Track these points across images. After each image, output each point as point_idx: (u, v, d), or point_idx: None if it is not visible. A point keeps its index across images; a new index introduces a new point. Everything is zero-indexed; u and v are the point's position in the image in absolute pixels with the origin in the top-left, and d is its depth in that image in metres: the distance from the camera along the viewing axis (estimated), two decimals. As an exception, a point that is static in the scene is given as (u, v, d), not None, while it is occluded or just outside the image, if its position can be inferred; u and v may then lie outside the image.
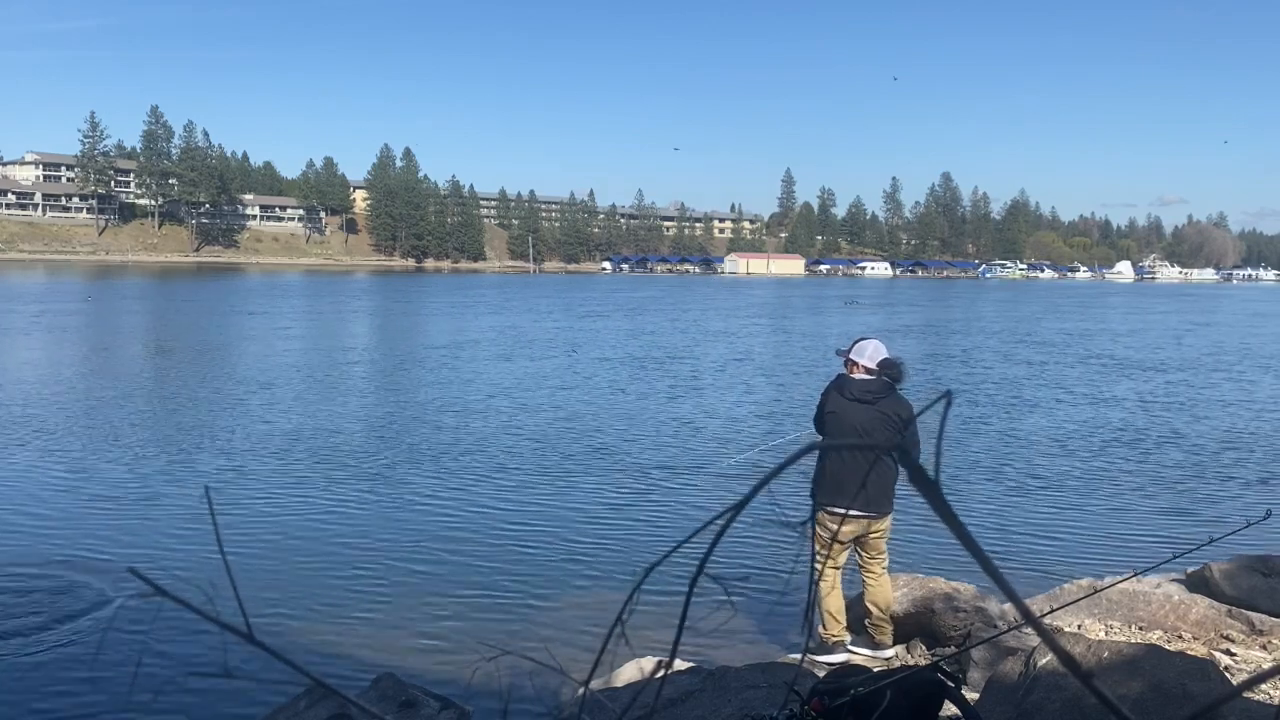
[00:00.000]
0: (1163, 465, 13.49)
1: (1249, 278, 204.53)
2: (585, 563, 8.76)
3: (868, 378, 6.28)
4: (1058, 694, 4.10)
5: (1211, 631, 6.55)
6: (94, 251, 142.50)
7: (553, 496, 11.19)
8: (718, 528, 0.70)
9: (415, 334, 35.52)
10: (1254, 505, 10.65)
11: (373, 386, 20.80)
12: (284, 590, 7.83)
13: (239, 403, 17.59)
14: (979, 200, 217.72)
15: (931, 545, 8.48)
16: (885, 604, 6.42)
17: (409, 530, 9.73)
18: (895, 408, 6.18)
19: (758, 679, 4.70)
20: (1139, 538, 9.83)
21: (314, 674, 0.84)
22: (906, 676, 3.42)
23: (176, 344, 29.22)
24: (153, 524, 9.69)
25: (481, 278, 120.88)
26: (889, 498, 6.29)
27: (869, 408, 6.15)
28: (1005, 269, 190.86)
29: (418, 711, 4.87)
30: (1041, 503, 11.28)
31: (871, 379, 6.26)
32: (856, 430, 6.13)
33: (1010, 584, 0.62)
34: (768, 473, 0.67)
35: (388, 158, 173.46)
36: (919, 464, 0.60)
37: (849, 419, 6.15)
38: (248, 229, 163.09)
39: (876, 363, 6.28)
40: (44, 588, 7.76)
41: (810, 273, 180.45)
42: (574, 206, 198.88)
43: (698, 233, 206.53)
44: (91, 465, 12.31)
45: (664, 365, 25.51)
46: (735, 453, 13.29)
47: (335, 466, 12.46)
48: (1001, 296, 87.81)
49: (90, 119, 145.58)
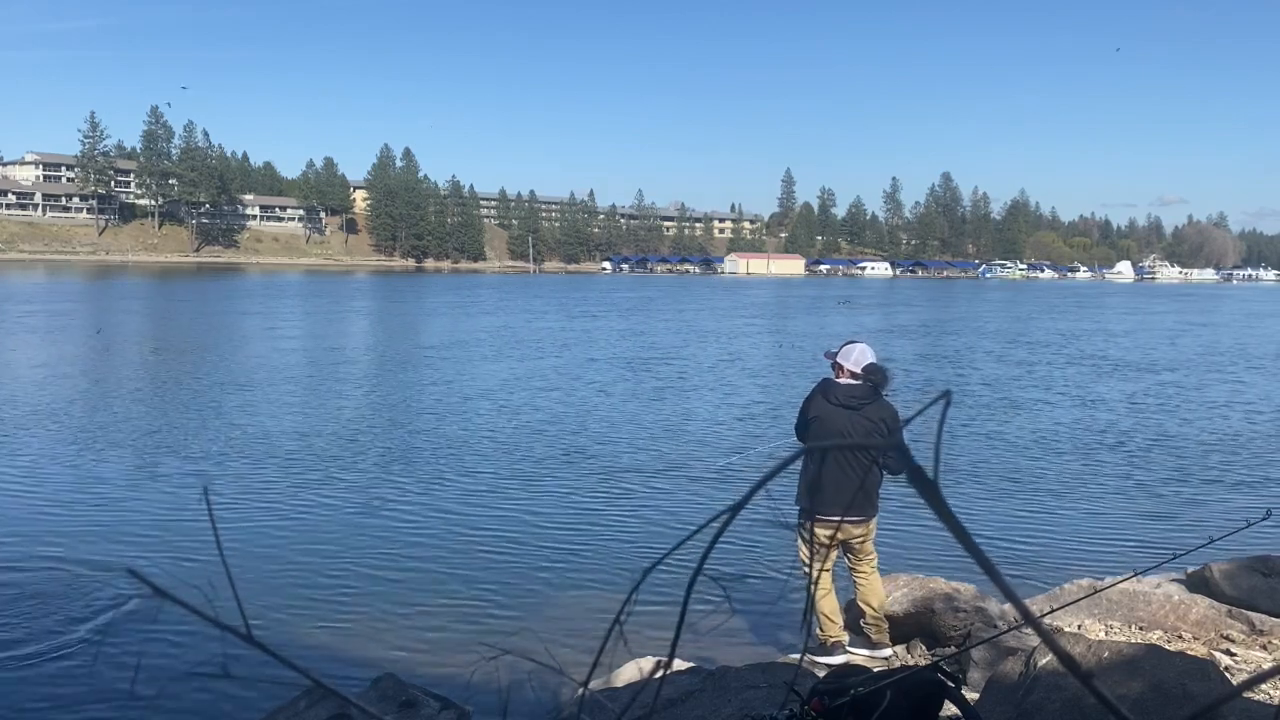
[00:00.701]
0: (1163, 465, 13.48)
1: (1249, 278, 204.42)
2: (585, 563, 8.76)
3: (852, 382, 6.24)
4: (1058, 694, 4.10)
5: (1212, 631, 6.55)
6: (94, 252, 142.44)
7: (553, 497, 11.19)
8: (715, 528, 0.70)
9: (410, 334, 35.51)
10: (1254, 505, 10.65)
11: (372, 386, 20.80)
12: (283, 590, 7.83)
13: (237, 403, 17.59)
14: (979, 200, 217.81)
15: (931, 545, 8.48)
16: (879, 604, 6.41)
17: (409, 530, 9.73)
18: (880, 413, 6.14)
19: (757, 679, 4.70)
20: (1139, 538, 9.83)
21: (314, 674, 0.84)
22: (906, 676, 3.42)
23: (173, 344, 29.22)
24: (151, 524, 9.69)
25: (481, 278, 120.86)
26: (872, 502, 6.28)
27: (853, 413, 6.10)
28: (1005, 269, 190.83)
29: (418, 711, 4.87)
30: (1041, 503, 11.28)
31: (856, 384, 6.22)
32: (840, 436, 6.11)
33: (1010, 584, 0.62)
34: (765, 474, 0.67)
35: (388, 158, 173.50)
36: (918, 464, 0.60)
37: (832, 425, 6.09)
38: (248, 229, 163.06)
39: (861, 367, 6.24)
40: (44, 588, 7.76)
41: (810, 273, 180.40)
42: (574, 206, 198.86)
43: (698, 233, 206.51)
44: (89, 466, 12.31)
45: (658, 365, 25.51)
46: (718, 456, 13.30)
47: (335, 466, 12.46)
48: (1001, 296, 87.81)
49: (90, 119, 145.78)
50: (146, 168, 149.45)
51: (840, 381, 6.27)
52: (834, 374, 6.37)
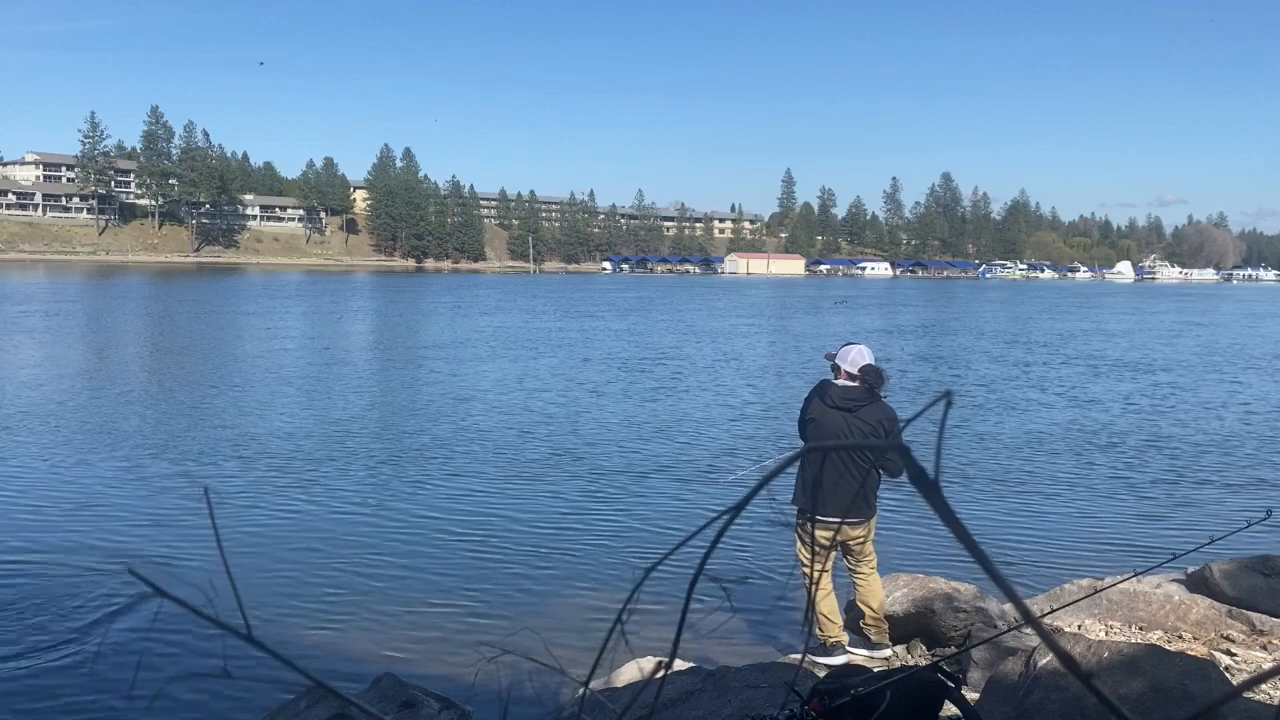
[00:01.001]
0: (1162, 465, 13.48)
1: (1249, 278, 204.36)
2: (585, 563, 8.76)
3: (849, 384, 6.23)
4: (1058, 694, 4.09)
5: (1212, 632, 6.55)
6: (94, 252, 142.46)
7: (554, 497, 11.19)
8: (717, 529, 0.70)
9: (409, 334, 35.50)
10: (1254, 505, 10.65)
11: (370, 386, 20.80)
12: (284, 590, 7.83)
13: (236, 403, 17.59)
14: (979, 200, 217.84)
15: (931, 545, 8.48)
16: (878, 604, 6.42)
17: (409, 530, 9.72)
18: (877, 415, 6.14)
19: (758, 679, 4.70)
20: (1139, 538, 9.83)
21: (314, 674, 0.84)
22: (907, 676, 3.42)
23: (173, 344, 29.22)
24: (151, 524, 9.69)
25: (481, 278, 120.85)
26: (870, 504, 6.28)
27: (849, 415, 6.10)
28: (1005, 269, 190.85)
29: (418, 712, 4.87)
30: (1041, 503, 11.27)
31: (853, 385, 6.21)
32: (836, 438, 6.11)
33: (1011, 584, 0.62)
34: (766, 474, 0.67)
35: (388, 158, 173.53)
36: (920, 466, 0.60)
37: (828, 427, 6.10)
38: (248, 229, 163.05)
39: (858, 369, 6.23)
40: (43, 588, 7.76)
41: (810, 273, 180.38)
42: (574, 206, 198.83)
43: (698, 233, 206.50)
44: (88, 465, 12.31)
45: (653, 366, 25.51)
46: (717, 456, 13.29)
47: (335, 466, 12.46)
48: (1001, 296, 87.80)
49: (90, 119, 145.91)
50: (146, 168, 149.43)
51: (837, 383, 6.27)
52: (833, 375, 6.37)
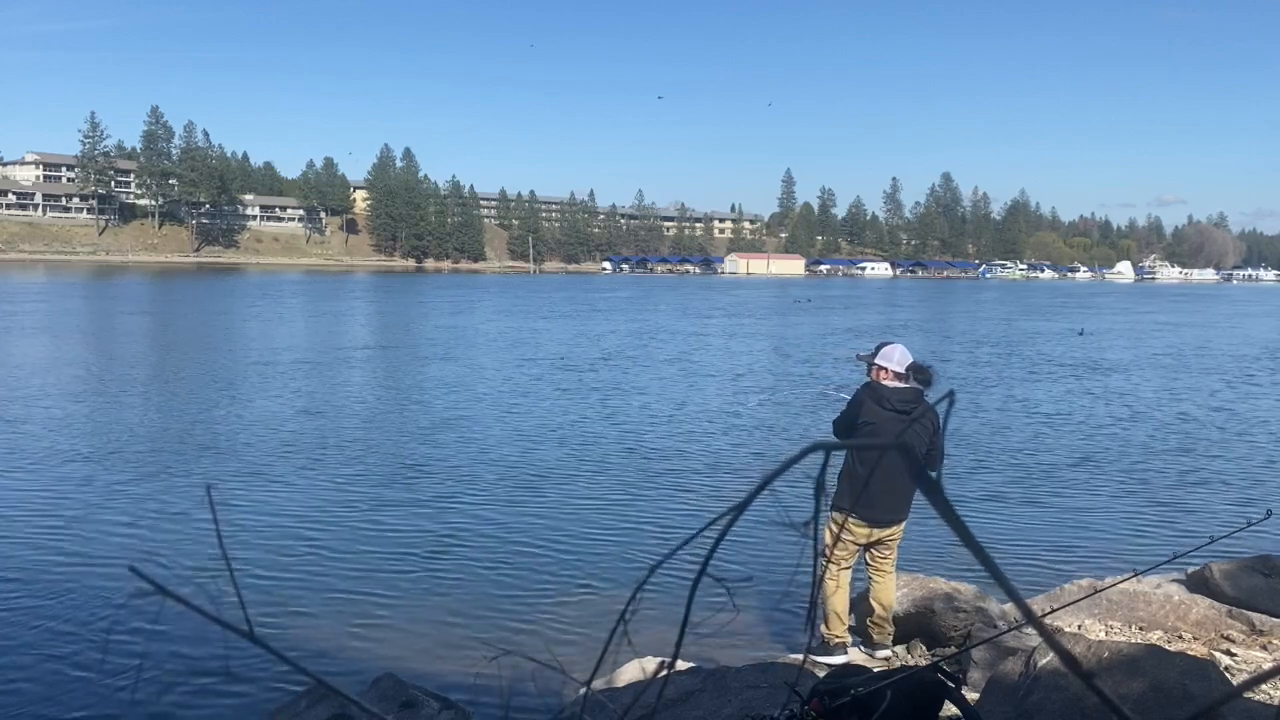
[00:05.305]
0: (1162, 465, 13.48)
1: (1249, 278, 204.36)
2: (587, 563, 8.75)
3: (900, 385, 6.09)
4: (1058, 694, 4.09)
5: (1212, 632, 6.55)
6: (94, 252, 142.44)
7: (554, 498, 11.18)
8: (720, 528, 0.70)
9: (409, 333, 35.51)
10: (1254, 505, 10.65)
11: (372, 387, 20.80)
12: (285, 590, 7.82)
13: (236, 403, 17.58)
14: (979, 200, 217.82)
15: (931, 545, 8.47)
16: (889, 603, 6.41)
17: (410, 530, 9.72)
18: (930, 417, 6.04)
19: (758, 679, 4.70)
20: (1139, 538, 9.83)
21: (315, 673, 0.84)
22: (907, 676, 3.42)
23: (173, 344, 29.23)
24: (153, 523, 9.68)
25: (481, 278, 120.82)
26: (909, 503, 6.19)
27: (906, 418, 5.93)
28: (1005, 269, 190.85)
29: (418, 712, 4.87)
30: (1041, 503, 11.27)
31: (906, 387, 6.08)
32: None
33: (1013, 584, 0.62)
34: (769, 473, 0.67)
35: (388, 158, 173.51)
36: (922, 465, 0.61)
37: (890, 432, 5.88)
38: (248, 229, 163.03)
39: (905, 367, 6.12)
40: (43, 587, 7.76)
41: (810, 273, 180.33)
42: (574, 206, 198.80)
43: (698, 233, 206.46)
44: (87, 465, 12.30)
45: (651, 367, 25.51)
46: (716, 456, 13.28)
47: (336, 466, 12.46)
48: (1000, 297, 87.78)
49: (90, 119, 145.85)
50: (146, 168, 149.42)
51: (888, 385, 6.10)
52: (873, 376, 6.22)
